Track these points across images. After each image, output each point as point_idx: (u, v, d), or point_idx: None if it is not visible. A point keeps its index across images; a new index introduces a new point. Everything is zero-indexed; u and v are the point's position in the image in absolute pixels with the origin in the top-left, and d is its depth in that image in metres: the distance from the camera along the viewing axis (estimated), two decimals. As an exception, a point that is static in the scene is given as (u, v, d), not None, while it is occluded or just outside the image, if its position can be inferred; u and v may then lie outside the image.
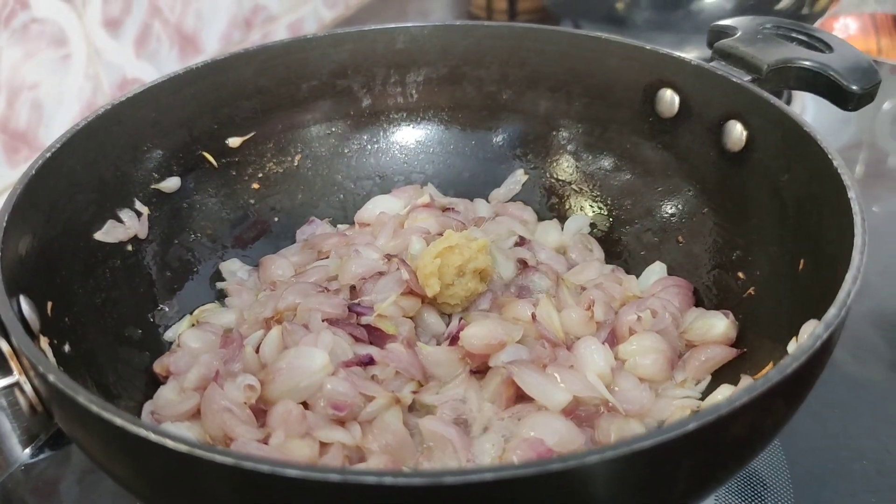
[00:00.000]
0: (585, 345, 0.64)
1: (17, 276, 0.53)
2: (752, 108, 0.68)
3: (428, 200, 0.82)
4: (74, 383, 0.42)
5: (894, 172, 1.10)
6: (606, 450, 0.37)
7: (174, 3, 1.16)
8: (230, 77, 0.79)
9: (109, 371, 0.63)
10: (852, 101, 0.68)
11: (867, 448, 0.69)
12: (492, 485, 0.36)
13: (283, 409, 0.57)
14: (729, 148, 0.71)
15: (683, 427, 0.38)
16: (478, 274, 0.69)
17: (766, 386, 0.41)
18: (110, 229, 0.69)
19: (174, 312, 0.73)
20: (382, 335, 0.66)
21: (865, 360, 0.78)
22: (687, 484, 0.44)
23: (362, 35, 0.83)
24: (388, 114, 0.88)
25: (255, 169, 0.83)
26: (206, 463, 0.38)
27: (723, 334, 0.66)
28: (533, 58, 0.83)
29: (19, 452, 0.57)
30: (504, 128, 0.87)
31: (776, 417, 0.46)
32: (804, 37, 0.74)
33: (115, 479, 0.48)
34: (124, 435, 0.40)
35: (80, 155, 0.66)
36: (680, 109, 0.75)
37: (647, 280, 0.75)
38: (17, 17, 0.92)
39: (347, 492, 0.37)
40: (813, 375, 0.48)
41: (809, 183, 0.61)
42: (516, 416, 0.61)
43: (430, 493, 0.36)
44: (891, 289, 0.87)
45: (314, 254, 0.79)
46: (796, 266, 0.61)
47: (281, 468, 0.36)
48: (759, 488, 0.66)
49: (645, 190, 0.80)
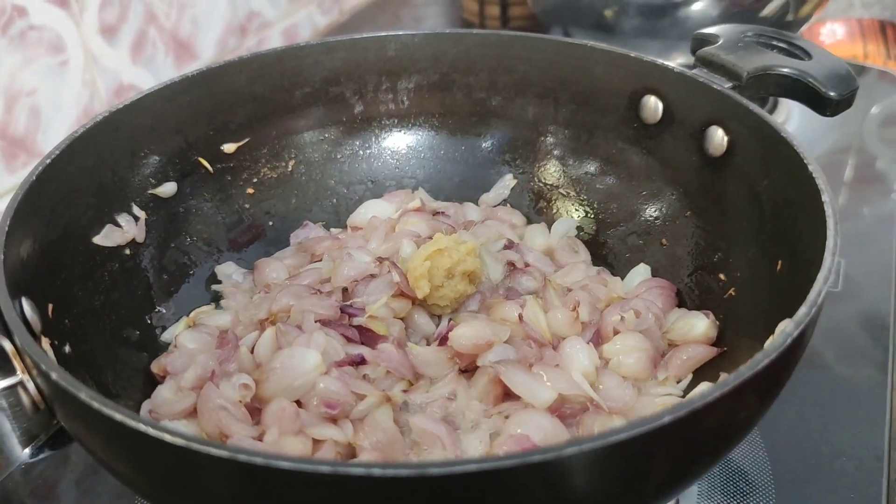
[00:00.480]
0: (571, 344, 0.66)
1: (18, 278, 0.55)
2: (732, 114, 0.70)
3: (419, 205, 0.83)
4: (76, 381, 0.43)
5: (883, 176, 1.11)
6: (584, 442, 0.38)
7: (170, 9, 1.17)
8: (225, 84, 0.80)
9: (108, 371, 0.64)
10: (830, 106, 0.70)
11: (847, 445, 0.70)
12: (475, 475, 0.38)
13: (277, 407, 0.59)
14: (711, 153, 0.72)
15: (658, 420, 0.40)
16: (467, 276, 0.70)
17: (737, 381, 0.42)
18: (108, 233, 0.70)
19: (171, 314, 0.75)
20: (374, 336, 0.67)
21: (854, 360, 0.79)
22: (663, 476, 0.45)
23: (354, 43, 0.85)
24: (380, 120, 0.89)
25: (250, 174, 0.84)
26: (203, 456, 0.39)
27: (703, 334, 0.67)
28: (521, 65, 0.84)
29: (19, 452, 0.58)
30: (493, 133, 0.89)
31: (749, 412, 0.47)
32: (784, 44, 0.76)
33: (115, 475, 0.50)
34: (124, 430, 0.41)
35: (79, 161, 0.67)
36: (664, 115, 0.77)
37: (631, 281, 0.77)
38: (14, 24, 0.93)
39: (338, 483, 0.38)
40: (786, 371, 0.50)
41: (786, 187, 0.63)
42: (503, 414, 0.62)
43: (416, 484, 0.38)
44: (880, 290, 0.88)
45: (308, 257, 0.80)
46: (774, 268, 0.63)
47: (274, 461, 0.38)
48: (742, 484, 0.67)
49: (630, 194, 0.81)
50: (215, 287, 0.79)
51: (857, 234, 0.97)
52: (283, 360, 0.62)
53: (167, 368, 0.67)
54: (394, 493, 0.39)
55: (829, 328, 0.83)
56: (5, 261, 0.53)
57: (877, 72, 1.37)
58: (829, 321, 0.83)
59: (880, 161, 1.14)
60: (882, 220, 1.01)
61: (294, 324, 0.67)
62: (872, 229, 0.99)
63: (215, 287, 0.79)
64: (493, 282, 0.75)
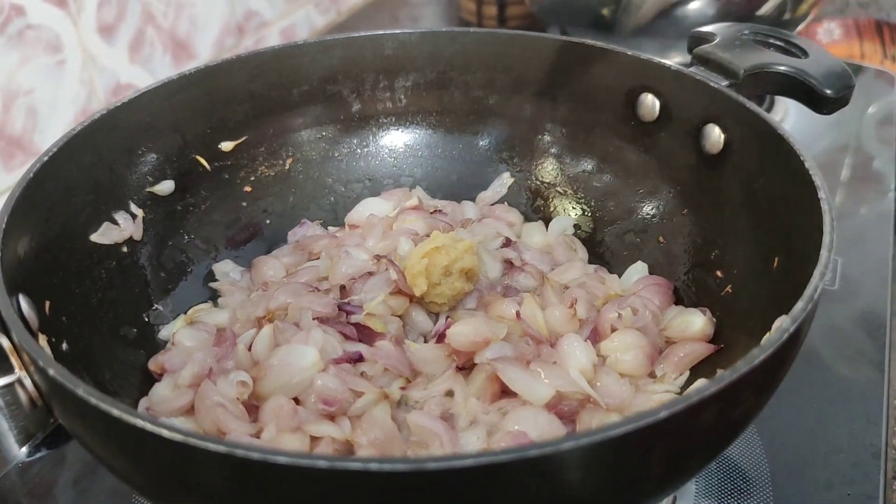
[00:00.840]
0: (568, 342, 0.66)
1: (16, 275, 0.55)
2: (728, 111, 0.70)
3: (416, 203, 0.83)
4: (73, 377, 0.43)
5: (880, 175, 1.11)
6: (581, 437, 0.38)
7: (167, 9, 1.17)
8: (223, 82, 0.80)
9: (105, 368, 0.64)
10: (826, 105, 0.70)
11: (844, 443, 0.70)
12: (473, 470, 0.38)
13: (274, 405, 0.59)
14: (707, 151, 0.73)
15: (655, 415, 0.40)
16: (464, 274, 0.70)
17: (734, 377, 0.42)
18: (106, 231, 0.70)
19: (168, 312, 0.75)
20: (371, 333, 0.67)
21: (851, 358, 0.80)
22: (660, 471, 0.45)
23: (352, 41, 0.85)
24: (378, 118, 0.89)
25: (248, 172, 0.84)
26: (200, 451, 0.39)
27: (700, 331, 0.68)
28: (518, 63, 0.85)
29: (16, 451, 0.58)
30: (490, 132, 0.89)
31: (745, 407, 0.47)
32: (781, 43, 0.76)
33: (113, 472, 0.50)
34: (122, 426, 0.41)
35: (77, 159, 0.67)
36: (660, 113, 0.77)
37: (628, 279, 0.77)
38: (12, 24, 0.93)
39: (335, 478, 0.38)
40: (782, 367, 0.50)
41: (783, 184, 0.63)
42: (501, 411, 0.62)
43: (413, 479, 0.38)
44: (878, 289, 0.88)
45: (305, 255, 0.80)
46: (771, 264, 0.63)
47: (271, 455, 0.38)
48: (739, 482, 0.67)
49: (627, 192, 0.82)
50: (213, 285, 0.79)
51: (853, 234, 0.97)
52: (280, 358, 0.62)
53: (164, 366, 0.67)
54: (391, 488, 0.39)
55: (826, 327, 0.83)
56: (3, 258, 0.53)
57: (873, 71, 1.37)
58: (826, 320, 0.83)
59: (877, 161, 1.14)
60: (879, 220, 1.01)
61: (291, 321, 0.67)
62: (869, 228, 1.00)
63: (213, 285, 0.79)
64: (490, 280, 0.75)
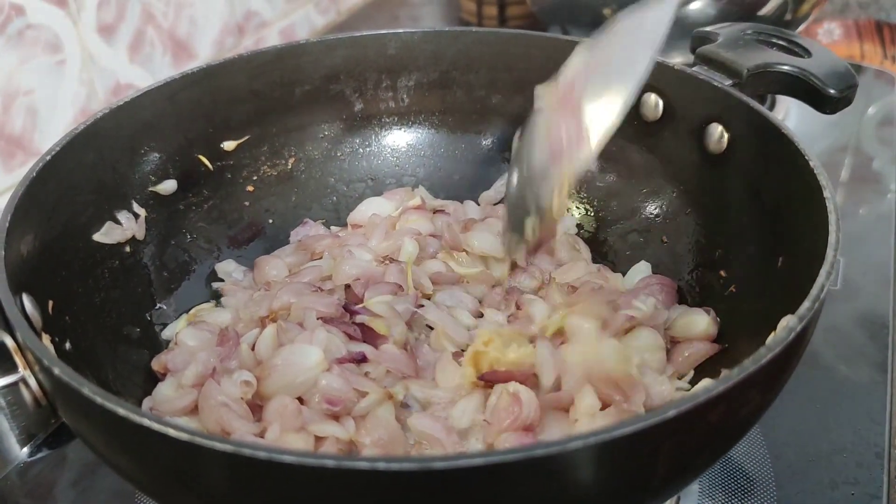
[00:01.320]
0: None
1: (19, 275, 0.55)
2: (732, 111, 0.70)
3: (419, 202, 0.83)
4: (78, 375, 0.43)
5: (879, 176, 1.11)
6: (588, 436, 0.38)
7: (167, 9, 1.17)
8: (225, 82, 0.80)
9: (109, 368, 0.64)
10: (829, 104, 0.70)
11: (848, 443, 0.70)
12: (479, 469, 0.38)
13: (278, 404, 0.59)
14: (711, 150, 0.73)
15: (662, 414, 0.40)
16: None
17: (741, 376, 0.42)
18: (109, 231, 0.70)
19: (171, 311, 0.74)
20: (375, 335, 0.67)
21: (853, 359, 0.79)
22: (666, 471, 0.45)
23: (354, 41, 0.85)
24: (380, 118, 0.89)
25: (250, 172, 0.84)
26: (206, 451, 0.39)
27: (704, 331, 0.67)
28: (520, 63, 0.84)
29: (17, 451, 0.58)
30: (493, 131, 0.89)
31: (752, 407, 0.47)
32: (784, 42, 0.76)
33: (117, 471, 0.50)
34: (127, 425, 0.41)
35: (79, 158, 0.67)
36: (664, 113, 0.77)
37: (632, 278, 0.77)
38: (12, 24, 0.93)
39: (342, 477, 0.38)
40: (788, 366, 0.50)
41: (787, 183, 0.63)
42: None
43: (420, 478, 0.38)
44: (878, 290, 0.88)
45: (308, 255, 0.80)
46: (775, 264, 0.63)
47: (278, 454, 0.38)
48: (743, 482, 0.67)
49: (630, 191, 0.81)
50: (215, 284, 0.79)
51: (854, 234, 0.97)
52: (284, 357, 0.62)
53: (168, 366, 0.67)
54: (398, 487, 0.39)
55: (828, 327, 0.83)
56: (6, 257, 0.53)
57: (874, 72, 1.37)
58: (828, 320, 0.83)
59: (877, 161, 1.14)
60: (879, 220, 1.01)
61: (295, 321, 0.67)
62: (870, 229, 0.99)
63: (215, 284, 0.79)
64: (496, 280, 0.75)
